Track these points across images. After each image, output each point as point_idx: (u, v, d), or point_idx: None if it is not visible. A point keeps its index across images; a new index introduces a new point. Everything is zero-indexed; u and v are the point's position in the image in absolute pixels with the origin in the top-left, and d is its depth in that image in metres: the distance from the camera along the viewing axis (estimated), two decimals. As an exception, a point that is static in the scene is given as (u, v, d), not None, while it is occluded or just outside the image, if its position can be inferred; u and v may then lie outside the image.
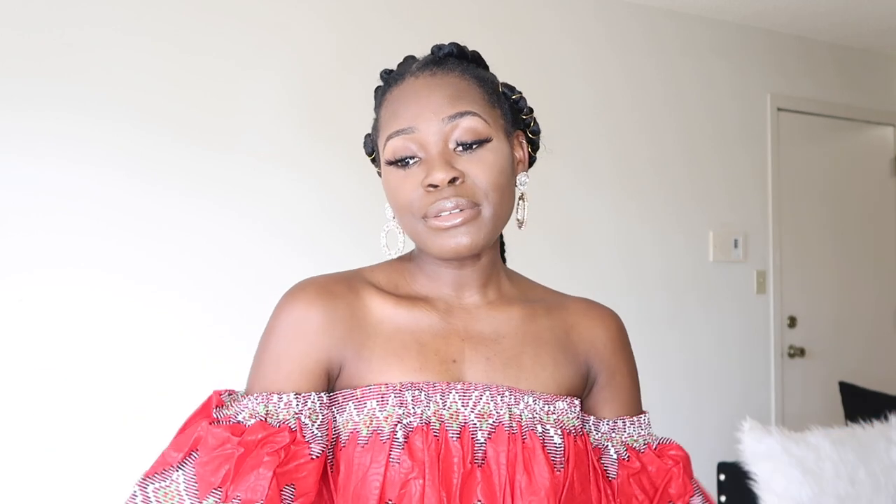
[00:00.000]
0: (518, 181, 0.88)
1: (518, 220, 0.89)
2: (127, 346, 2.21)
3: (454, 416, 0.81)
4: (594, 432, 0.91)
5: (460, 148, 0.81)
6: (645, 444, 0.92)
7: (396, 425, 0.79)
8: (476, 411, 0.81)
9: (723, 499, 2.20)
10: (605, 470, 0.88)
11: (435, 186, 0.79)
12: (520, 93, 0.90)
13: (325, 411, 0.82)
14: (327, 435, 0.81)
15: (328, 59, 2.53)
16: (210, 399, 0.83)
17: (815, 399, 3.48)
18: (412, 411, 0.79)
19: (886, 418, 2.21)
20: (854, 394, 2.84)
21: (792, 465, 1.98)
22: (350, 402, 0.82)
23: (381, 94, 0.88)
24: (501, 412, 0.81)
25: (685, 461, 0.92)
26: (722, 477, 2.21)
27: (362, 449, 0.79)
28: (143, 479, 0.78)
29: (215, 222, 2.34)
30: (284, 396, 0.80)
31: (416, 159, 0.82)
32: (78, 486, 2.13)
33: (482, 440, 0.80)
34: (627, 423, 0.92)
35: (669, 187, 3.17)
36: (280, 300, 0.86)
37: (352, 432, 0.81)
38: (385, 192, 0.86)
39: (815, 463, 2.00)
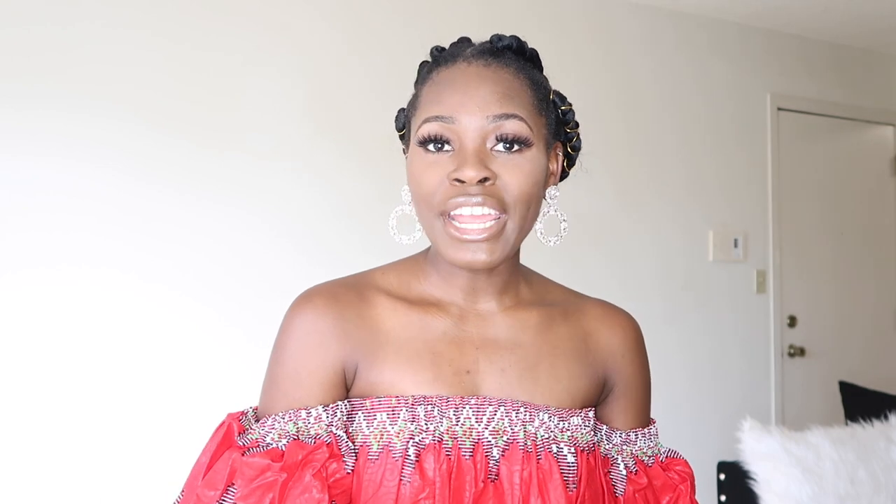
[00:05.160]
0: (548, 194, 0.83)
1: (557, 236, 0.85)
2: (130, 345, 2.21)
3: (468, 433, 0.78)
4: (605, 443, 0.88)
5: (499, 147, 0.76)
6: (652, 457, 0.89)
7: (408, 442, 0.76)
8: (490, 428, 0.78)
9: (723, 498, 2.20)
10: (613, 486, 0.86)
11: (462, 182, 0.75)
12: (570, 104, 0.86)
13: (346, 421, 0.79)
14: (358, 446, 0.78)
15: (333, 57, 2.53)
16: (230, 427, 0.78)
17: (815, 399, 3.48)
18: (424, 427, 0.76)
19: (886, 418, 2.21)
20: (854, 393, 2.84)
21: (792, 464, 1.98)
22: (360, 413, 0.79)
23: (426, 71, 0.83)
24: (516, 429, 0.78)
25: (692, 479, 0.89)
26: (722, 476, 2.21)
27: (373, 464, 0.76)
28: None
29: (219, 221, 2.34)
30: (314, 411, 0.77)
31: (449, 148, 0.77)
32: (83, 486, 2.12)
33: (497, 457, 0.78)
34: (639, 436, 0.89)
35: (669, 187, 3.17)
36: (288, 312, 0.82)
37: (361, 445, 0.77)
38: (407, 174, 0.81)
39: (815, 462, 2.00)
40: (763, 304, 3.42)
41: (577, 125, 0.87)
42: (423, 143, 0.78)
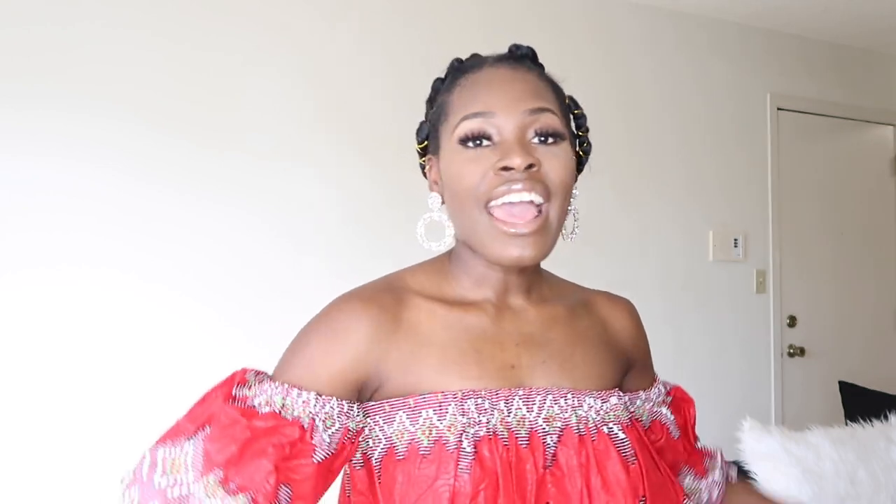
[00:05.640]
0: None
1: (573, 232, 0.89)
2: (130, 345, 2.21)
3: (521, 423, 0.80)
4: (647, 405, 0.98)
5: (537, 140, 0.80)
6: (669, 396, 1.03)
7: (461, 435, 0.77)
8: (542, 416, 0.81)
9: (723, 498, 2.20)
10: (669, 431, 0.98)
11: (509, 170, 0.77)
12: (581, 109, 0.90)
13: (344, 420, 0.80)
14: (339, 446, 0.79)
15: (333, 57, 2.52)
16: (234, 375, 0.82)
17: (815, 399, 3.48)
18: (477, 420, 0.78)
19: (886, 418, 2.21)
20: (854, 393, 2.84)
21: (792, 464, 1.98)
22: (401, 412, 0.80)
23: (450, 81, 0.87)
24: (567, 415, 0.82)
25: (693, 405, 1.07)
26: (722, 476, 2.21)
27: (426, 459, 0.77)
28: (156, 445, 0.79)
29: (219, 221, 2.34)
30: (304, 394, 0.79)
31: (490, 142, 0.80)
32: (83, 485, 2.12)
33: (552, 444, 0.80)
34: (661, 387, 1.02)
35: (669, 187, 3.17)
36: (327, 307, 0.85)
37: (409, 443, 0.78)
38: (445, 176, 0.83)
39: (815, 462, 1.99)
40: (763, 304, 3.41)
41: (587, 129, 0.91)
42: (464, 140, 0.80)
